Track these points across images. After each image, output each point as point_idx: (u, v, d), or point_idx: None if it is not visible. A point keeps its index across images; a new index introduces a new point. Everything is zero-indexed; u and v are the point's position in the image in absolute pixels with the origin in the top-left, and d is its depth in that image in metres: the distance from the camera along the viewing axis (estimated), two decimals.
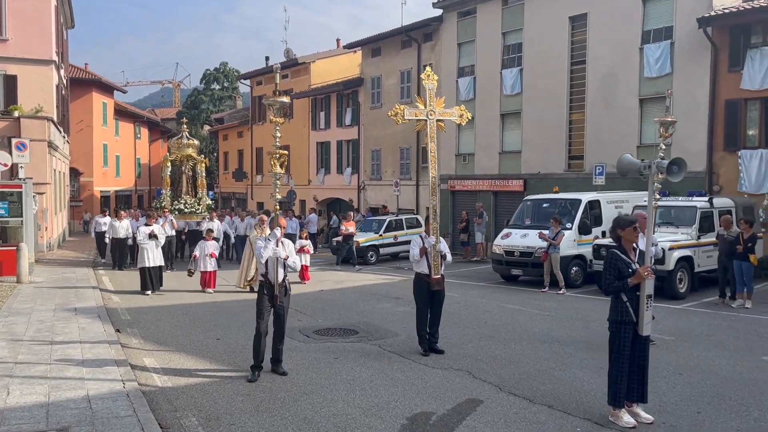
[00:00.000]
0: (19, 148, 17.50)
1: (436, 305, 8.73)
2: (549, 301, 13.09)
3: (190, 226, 19.38)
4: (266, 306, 7.39)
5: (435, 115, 8.89)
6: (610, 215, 15.84)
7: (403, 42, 30.37)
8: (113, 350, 8.28)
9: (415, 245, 8.72)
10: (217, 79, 66.15)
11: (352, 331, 10.19)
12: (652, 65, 20.54)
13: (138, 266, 14.56)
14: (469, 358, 8.31)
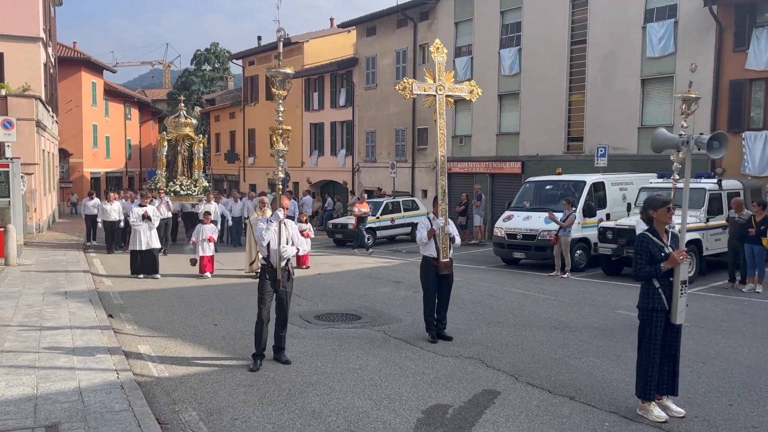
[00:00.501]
0: (5, 126, 16.87)
1: (444, 290, 8.35)
2: (554, 285, 12.75)
3: (185, 209, 18.75)
4: (268, 291, 6.97)
5: (444, 90, 8.44)
6: (615, 197, 15.57)
7: (399, 21, 29.73)
8: (106, 337, 7.85)
9: (423, 227, 8.31)
10: (208, 59, 65.17)
11: (355, 316, 9.82)
12: (654, 45, 20.09)
13: (129, 248, 14.07)
14: (480, 346, 7.95)
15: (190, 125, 19.95)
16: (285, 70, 6.69)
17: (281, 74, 6.69)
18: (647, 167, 18.84)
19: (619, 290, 12.15)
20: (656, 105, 20.42)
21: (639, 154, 20.34)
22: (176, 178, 19.57)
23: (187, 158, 20.04)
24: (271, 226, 6.88)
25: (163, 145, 19.97)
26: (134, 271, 13.70)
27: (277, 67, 6.71)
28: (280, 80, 6.72)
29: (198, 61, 64.77)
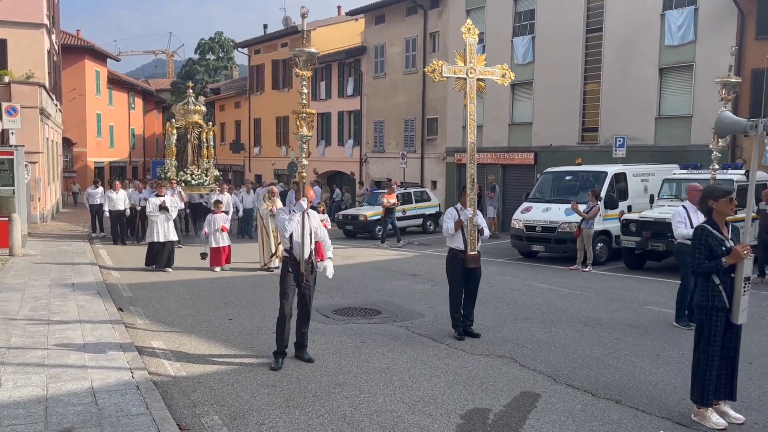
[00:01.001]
0: (9, 112, 16.47)
1: (471, 284, 7.94)
2: (576, 279, 12.35)
3: (193, 200, 18.10)
4: (291, 285, 6.58)
5: (475, 73, 8.01)
6: (636, 189, 15.14)
7: (408, 9, 29.21)
8: (117, 332, 7.48)
9: (450, 218, 7.89)
10: (212, 49, 64.59)
11: (374, 311, 9.43)
12: (673, 32, 19.59)
13: (147, 240, 13.47)
14: (510, 343, 7.56)
15: (199, 113, 19.17)
16: (309, 49, 6.27)
17: (306, 53, 6.26)
18: (665, 158, 18.41)
19: (645, 285, 11.74)
20: (675, 95, 19.93)
21: (656, 145, 19.89)
22: (186, 167, 18.78)
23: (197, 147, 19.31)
24: (294, 217, 6.48)
25: (172, 133, 19.20)
26: (149, 262, 13.20)
27: (302, 46, 6.27)
28: (304, 60, 6.29)
29: (202, 50, 64.20)
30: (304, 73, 6.38)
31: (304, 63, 6.33)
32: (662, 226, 12.35)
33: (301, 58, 6.29)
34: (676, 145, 19.32)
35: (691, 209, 8.26)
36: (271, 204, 13.08)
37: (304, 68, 6.34)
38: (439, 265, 14.29)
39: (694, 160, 16.96)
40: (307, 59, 6.31)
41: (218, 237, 13.25)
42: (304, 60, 6.31)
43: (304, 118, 6.44)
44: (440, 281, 12.08)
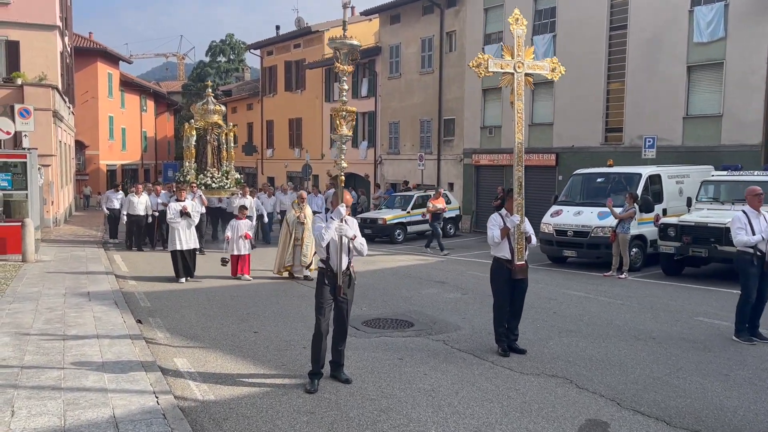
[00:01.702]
0: (22, 114, 16.08)
1: (518, 297, 7.37)
2: (615, 287, 11.74)
3: (211, 204, 17.26)
4: (327, 299, 6.04)
5: (524, 67, 7.45)
6: (671, 191, 14.52)
7: (424, 8, 28.66)
8: (138, 348, 6.97)
9: (495, 225, 7.33)
10: (223, 51, 64.32)
11: (406, 322, 8.89)
12: (702, 29, 18.92)
13: (169, 249, 12.68)
14: (560, 361, 6.99)
15: (219, 113, 18.41)
16: (351, 41, 5.74)
17: (347, 45, 5.73)
18: (693, 159, 17.78)
19: (688, 293, 11.12)
20: (704, 93, 19.26)
21: (684, 146, 19.22)
22: (206, 170, 17.98)
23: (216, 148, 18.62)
24: (332, 224, 5.94)
25: (191, 134, 18.33)
26: (178, 273, 12.31)
27: (342, 38, 5.74)
28: (345, 53, 5.77)
29: (213, 52, 63.94)
30: (345, 68, 5.85)
31: (345, 56, 5.80)
32: (704, 231, 11.74)
33: (342, 50, 5.77)
34: (705, 146, 18.65)
35: (752, 214, 7.66)
36: (299, 211, 12.43)
37: (345, 62, 5.81)
38: (466, 271, 13.82)
39: (725, 160, 16.32)
40: (349, 52, 5.78)
41: (241, 244, 12.55)
42: (345, 53, 5.78)
43: (344, 116, 5.91)
44: (470, 289, 11.55)
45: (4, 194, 14.97)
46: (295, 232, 12.33)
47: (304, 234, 12.22)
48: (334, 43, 5.83)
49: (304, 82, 36.84)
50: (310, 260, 12.20)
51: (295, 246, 12.29)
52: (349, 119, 6.00)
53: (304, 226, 12.29)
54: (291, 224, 12.40)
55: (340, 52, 5.82)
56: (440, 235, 17.73)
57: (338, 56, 5.85)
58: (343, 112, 5.97)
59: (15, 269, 12.88)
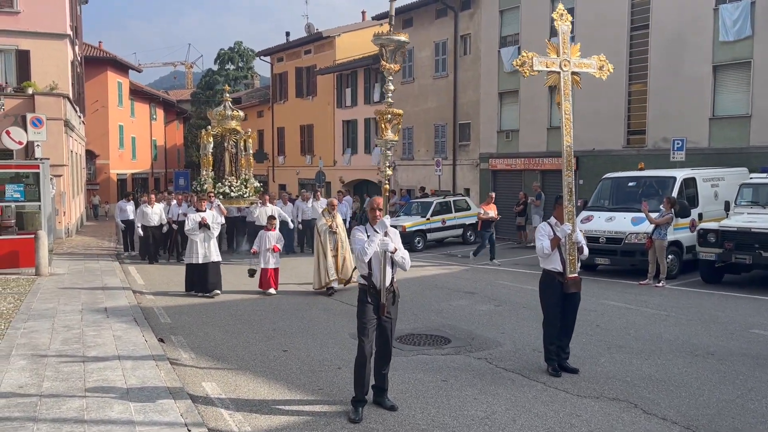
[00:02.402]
0: (34, 124, 15.70)
1: (570, 312, 6.86)
2: (654, 296, 11.19)
3: (231, 213, 16.40)
4: (371, 319, 5.55)
5: (570, 66, 6.96)
6: (707, 195, 13.98)
7: (438, 11, 28.24)
8: (163, 372, 6.50)
9: (544, 234, 6.81)
10: (231, 59, 64.08)
11: (443, 338, 8.38)
12: (728, 28, 18.38)
13: (185, 261, 11.97)
14: (617, 381, 6.47)
15: (237, 118, 17.73)
16: (398, 36, 5.27)
17: (394, 42, 5.25)
18: (721, 161, 17.23)
19: (734, 302, 10.56)
20: (730, 93, 18.70)
21: (710, 147, 18.64)
22: (224, 178, 17.25)
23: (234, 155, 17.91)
24: (376, 237, 5.46)
25: (209, 141, 17.63)
26: (189, 287, 11.77)
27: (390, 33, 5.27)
28: (391, 50, 5.30)
29: (222, 60, 63.72)
30: (391, 66, 5.38)
31: (391, 53, 5.33)
32: (748, 237, 11.20)
33: (389, 47, 5.30)
34: (732, 147, 18.09)
35: None
36: (331, 219, 11.78)
37: (390, 60, 5.35)
38: (494, 280, 13.27)
39: (754, 162, 15.77)
40: (396, 49, 5.31)
41: (269, 257, 11.82)
42: (392, 50, 5.31)
43: (389, 119, 5.43)
44: (503, 300, 11.04)
45: (17, 206, 14.59)
46: (328, 242, 11.68)
47: (338, 244, 11.63)
48: (379, 39, 5.36)
49: (315, 89, 36.48)
50: (350, 275, 11.51)
51: (333, 258, 11.60)
52: (394, 122, 5.52)
53: (336, 236, 11.69)
54: (323, 234, 11.77)
55: (386, 49, 5.35)
56: (494, 244, 16.68)
57: (384, 53, 5.38)
58: (388, 114, 5.49)
59: (29, 283, 12.48)
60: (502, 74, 25.02)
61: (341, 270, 11.67)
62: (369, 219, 5.70)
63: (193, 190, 16.90)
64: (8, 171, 14.49)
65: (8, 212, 14.48)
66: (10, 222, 14.45)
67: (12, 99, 21.64)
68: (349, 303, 10.88)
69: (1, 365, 6.70)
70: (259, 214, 15.43)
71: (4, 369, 6.56)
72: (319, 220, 12.08)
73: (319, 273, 11.69)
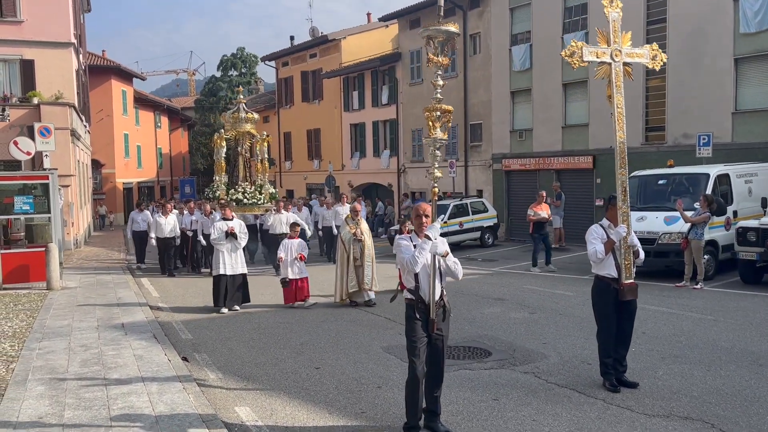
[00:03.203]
0: (42, 133, 15.26)
1: (626, 321, 6.37)
2: (694, 299, 10.69)
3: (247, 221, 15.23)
4: (421, 336, 5.07)
5: (621, 56, 6.47)
6: (741, 191, 13.48)
7: (445, 11, 27.72)
8: (192, 396, 6.03)
9: (596, 238, 6.32)
10: (234, 65, 63.68)
11: (483, 350, 7.89)
12: (749, 19, 17.89)
13: (213, 273, 11.31)
14: (683, 396, 5.97)
15: (251, 121, 16.76)
16: (448, 27, 4.81)
17: (443, 33, 4.80)
18: (745, 156, 16.73)
19: None
20: (754, 86, 18.19)
21: (734, 142, 18.14)
22: (238, 184, 16.34)
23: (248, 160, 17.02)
24: (425, 246, 4.97)
25: (222, 145, 16.61)
26: (218, 302, 10.98)
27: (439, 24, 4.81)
28: (440, 41, 4.84)
29: (225, 66, 63.33)
30: (440, 60, 4.93)
31: (440, 46, 4.87)
32: None
33: (437, 39, 4.84)
34: (758, 142, 17.58)
35: None
36: (355, 226, 11.15)
37: (439, 53, 4.89)
38: (522, 285, 12.74)
39: None
40: (445, 40, 4.85)
41: (295, 267, 11.16)
42: (441, 41, 4.85)
43: (438, 117, 4.97)
44: (537, 307, 10.56)
45: (26, 218, 14.17)
46: (352, 251, 11.02)
47: (364, 252, 11.00)
48: (427, 31, 4.91)
49: (322, 92, 36.07)
50: (372, 285, 10.99)
51: (356, 267, 10.93)
52: (444, 119, 5.05)
53: (362, 244, 11.04)
54: (347, 242, 11.09)
55: (435, 41, 4.90)
56: (549, 248, 15.14)
57: (433, 46, 4.92)
58: (437, 111, 5.03)
59: (40, 299, 12.04)
60: (514, 73, 24.58)
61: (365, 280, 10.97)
62: (414, 227, 5.23)
63: (206, 197, 16.24)
64: (16, 182, 14.07)
65: (17, 225, 14.07)
66: (20, 235, 14.04)
67: (17, 109, 21.28)
68: (376, 314, 10.42)
69: (18, 392, 6.24)
70: (273, 222, 14.85)
71: (21, 396, 6.10)
72: (343, 227, 11.43)
73: (341, 285, 11.06)
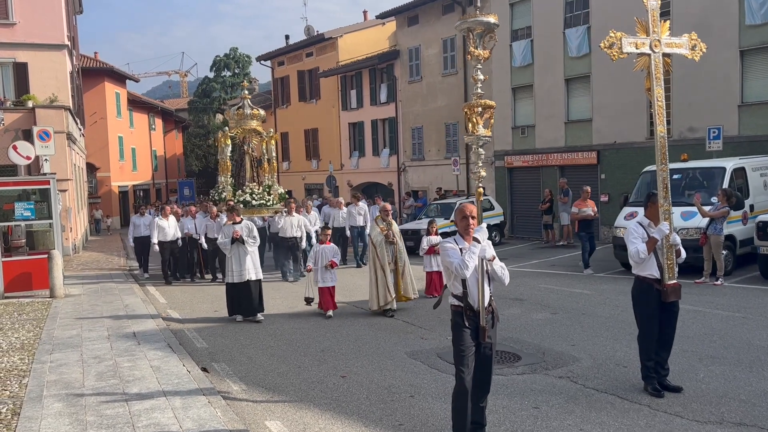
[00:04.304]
0: (42, 137, 14.90)
1: (668, 323, 6.13)
2: (718, 296, 10.48)
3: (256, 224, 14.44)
4: (469, 345, 4.80)
5: (660, 47, 6.22)
6: (757, 185, 13.30)
7: (444, 7, 27.56)
8: (219, 410, 5.74)
9: (637, 236, 6.05)
10: (227, 65, 63.26)
11: (512, 354, 7.64)
12: (755, 10, 17.73)
13: (225, 281, 10.69)
14: (733, 400, 5.74)
15: (257, 117, 15.74)
16: (487, 18, 4.54)
17: (482, 24, 4.53)
18: (753, 149, 16.56)
19: None
20: (760, 79, 18.03)
21: (741, 135, 17.97)
22: (244, 185, 15.35)
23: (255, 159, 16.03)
24: (475, 250, 4.69)
25: (226, 143, 15.56)
26: (231, 311, 10.42)
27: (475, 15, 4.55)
28: (479, 33, 4.58)
29: (217, 67, 62.91)
30: (480, 53, 4.66)
31: (479, 37, 4.61)
32: None
33: (475, 31, 4.57)
34: (765, 134, 17.43)
35: None
36: (387, 227, 10.37)
37: (479, 46, 4.62)
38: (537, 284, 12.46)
39: None
40: (484, 32, 4.59)
41: (327, 274, 10.41)
42: (480, 33, 4.59)
43: (480, 113, 4.70)
44: (558, 307, 10.32)
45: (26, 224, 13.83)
46: (385, 255, 10.25)
47: (396, 255, 10.39)
48: (465, 23, 4.65)
49: (319, 91, 35.74)
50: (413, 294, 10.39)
51: (392, 272, 10.23)
52: (486, 115, 4.78)
53: (394, 247, 10.38)
54: (379, 246, 10.31)
55: (473, 33, 4.63)
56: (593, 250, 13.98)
57: (471, 38, 4.66)
58: (480, 108, 4.76)
59: (45, 307, 11.71)
60: (515, 69, 24.36)
61: (402, 287, 10.40)
62: (459, 229, 4.96)
63: (211, 199, 15.61)
64: (15, 188, 13.72)
65: (18, 231, 13.72)
66: (21, 242, 13.69)
67: (12, 113, 20.87)
68: (394, 317, 10.14)
69: (34, 410, 5.94)
70: (284, 225, 14.28)
71: (38, 415, 5.80)
72: (373, 229, 10.69)
73: (378, 291, 10.18)
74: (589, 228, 14.03)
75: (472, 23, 4.65)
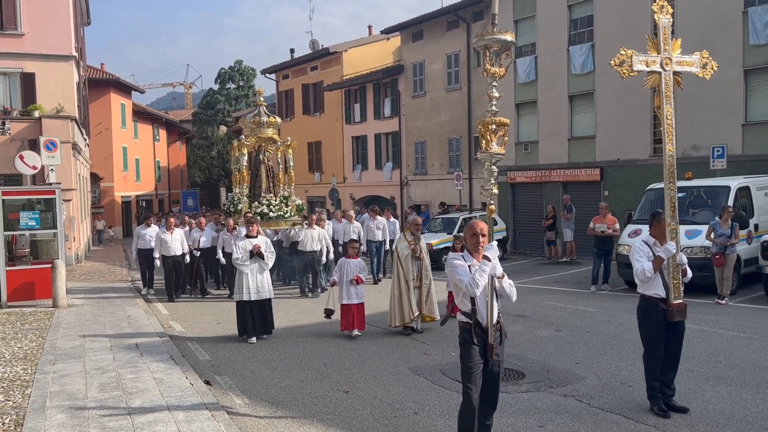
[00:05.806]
0: (48, 147, 14.95)
1: (674, 343, 6.11)
2: (723, 316, 10.44)
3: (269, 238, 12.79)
4: (477, 362, 4.77)
5: (671, 64, 6.25)
6: (761, 204, 13.30)
7: (449, 23, 27.76)
8: (223, 425, 5.71)
9: (642, 255, 6.06)
10: (232, 77, 63.64)
11: (515, 372, 7.60)
12: (759, 30, 17.84)
13: (235, 298, 10.03)
14: (740, 422, 5.70)
15: (273, 125, 15.01)
16: (504, 36, 4.58)
17: (498, 42, 4.57)
18: (756, 168, 16.59)
19: None
20: (764, 98, 18.10)
21: (744, 154, 18.01)
22: (261, 196, 14.65)
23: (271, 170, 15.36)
24: (485, 268, 4.68)
25: (242, 152, 14.79)
26: (243, 331, 9.81)
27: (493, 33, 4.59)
28: (495, 51, 4.61)
29: (222, 79, 63.27)
30: (496, 71, 4.69)
31: (494, 54, 4.64)
32: None
33: (492, 48, 4.61)
34: None
35: None
36: (415, 242, 9.90)
37: (495, 63, 4.66)
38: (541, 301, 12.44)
39: None
40: (500, 50, 4.62)
41: (352, 291, 9.87)
42: (496, 51, 4.62)
43: (494, 130, 4.72)
44: (562, 324, 10.28)
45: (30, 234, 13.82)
46: (410, 270, 9.80)
47: (422, 272, 9.88)
48: (482, 40, 4.68)
49: (323, 105, 35.92)
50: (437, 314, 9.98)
51: (416, 289, 9.80)
52: (500, 133, 4.80)
53: (420, 263, 9.89)
54: (404, 260, 9.79)
55: (490, 50, 4.67)
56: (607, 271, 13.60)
57: (488, 56, 4.69)
58: (493, 125, 4.77)
59: (47, 317, 11.69)
60: (519, 85, 24.47)
61: (426, 307, 9.95)
62: (469, 246, 4.95)
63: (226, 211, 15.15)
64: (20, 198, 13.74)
65: (22, 241, 13.73)
66: (25, 251, 13.69)
67: (18, 123, 21.00)
68: (397, 332, 10.10)
69: (38, 421, 5.91)
70: (305, 238, 13.64)
71: (42, 426, 5.77)
72: (400, 242, 10.17)
73: (402, 308, 9.72)
74: (603, 245, 13.61)
75: (489, 41, 4.68)
